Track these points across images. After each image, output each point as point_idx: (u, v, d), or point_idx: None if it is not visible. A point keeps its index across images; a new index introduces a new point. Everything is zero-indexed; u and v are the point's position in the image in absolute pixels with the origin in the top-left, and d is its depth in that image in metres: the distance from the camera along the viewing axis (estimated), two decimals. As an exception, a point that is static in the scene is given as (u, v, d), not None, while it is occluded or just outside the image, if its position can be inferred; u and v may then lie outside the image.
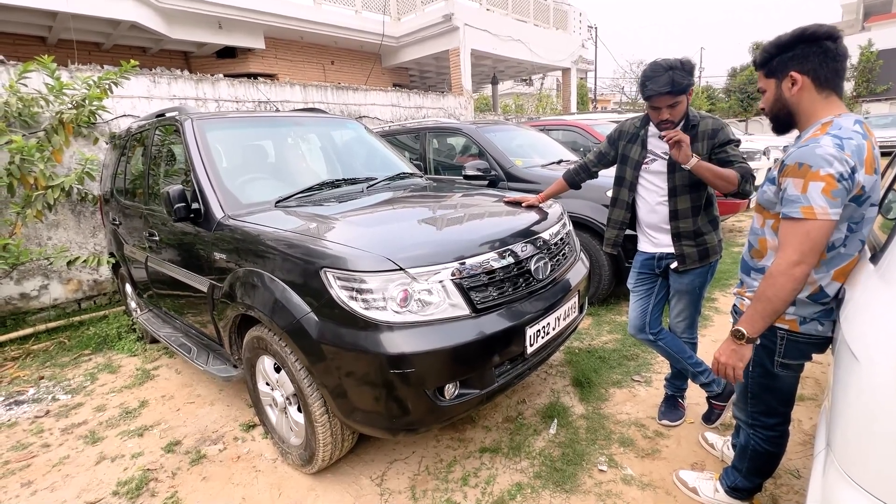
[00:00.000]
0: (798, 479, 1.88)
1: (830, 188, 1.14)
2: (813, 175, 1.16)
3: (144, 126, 3.14)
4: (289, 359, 1.82)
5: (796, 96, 1.29)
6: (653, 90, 1.81)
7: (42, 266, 4.17)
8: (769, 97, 1.36)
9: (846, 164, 1.14)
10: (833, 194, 1.14)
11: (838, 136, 1.17)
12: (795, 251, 1.19)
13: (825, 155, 1.14)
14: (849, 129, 1.19)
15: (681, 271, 2.03)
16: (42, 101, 3.77)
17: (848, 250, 1.27)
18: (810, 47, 1.24)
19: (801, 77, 1.26)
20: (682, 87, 1.79)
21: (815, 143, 1.18)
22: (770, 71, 1.33)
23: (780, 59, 1.29)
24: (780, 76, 1.31)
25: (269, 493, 1.99)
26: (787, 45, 1.28)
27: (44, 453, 2.37)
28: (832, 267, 1.28)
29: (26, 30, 7.96)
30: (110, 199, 3.58)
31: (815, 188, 1.15)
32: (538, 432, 2.27)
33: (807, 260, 1.18)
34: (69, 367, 3.36)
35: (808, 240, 1.17)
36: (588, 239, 3.57)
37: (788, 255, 1.20)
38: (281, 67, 10.45)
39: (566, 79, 14.40)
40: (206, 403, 2.74)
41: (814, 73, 1.25)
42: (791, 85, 1.28)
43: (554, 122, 6.76)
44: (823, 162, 1.14)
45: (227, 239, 2.13)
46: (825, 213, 1.15)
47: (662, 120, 1.89)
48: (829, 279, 1.28)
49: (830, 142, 1.16)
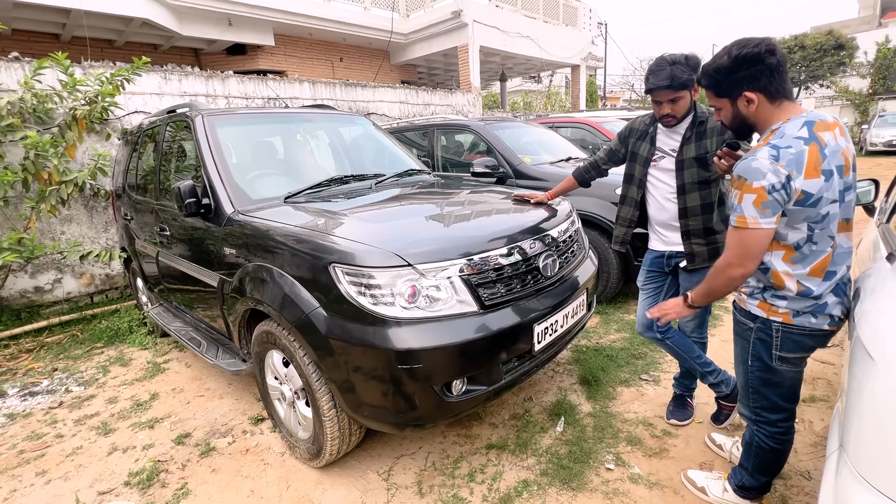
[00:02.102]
0: (809, 481, 1.85)
1: (761, 199, 1.23)
2: (747, 187, 1.25)
3: (156, 122, 3.17)
4: (297, 353, 1.83)
5: (754, 112, 1.35)
6: (653, 84, 1.83)
7: (56, 260, 4.23)
8: (727, 115, 1.42)
9: (779, 174, 1.21)
10: (763, 205, 1.24)
11: (777, 145, 1.24)
12: (733, 255, 1.33)
13: (759, 168, 1.23)
14: (790, 136, 1.24)
15: (690, 270, 2.01)
16: (56, 97, 3.83)
17: (819, 247, 1.31)
18: (754, 67, 1.29)
19: (755, 95, 1.32)
20: (681, 82, 1.79)
21: (752, 156, 1.26)
22: (720, 92, 1.39)
23: (729, 81, 1.34)
24: (734, 95, 1.35)
25: (278, 485, 2.01)
26: (730, 69, 1.32)
27: (57, 443, 2.41)
28: (807, 265, 1.33)
29: (41, 27, 8.09)
30: (122, 195, 3.63)
31: (748, 199, 1.25)
32: (545, 430, 2.26)
33: (742, 263, 1.31)
34: (82, 359, 3.41)
35: (742, 245, 1.30)
36: (596, 237, 3.55)
37: (727, 258, 1.35)
38: (290, 64, 10.50)
39: (575, 76, 14.29)
40: (215, 397, 2.77)
41: (765, 89, 1.31)
42: (747, 103, 1.34)
43: (563, 120, 6.72)
44: (757, 174, 1.23)
45: (236, 234, 2.15)
46: (756, 223, 1.26)
47: (664, 114, 1.89)
48: (805, 275, 1.33)
49: (766, 153, 1.23)
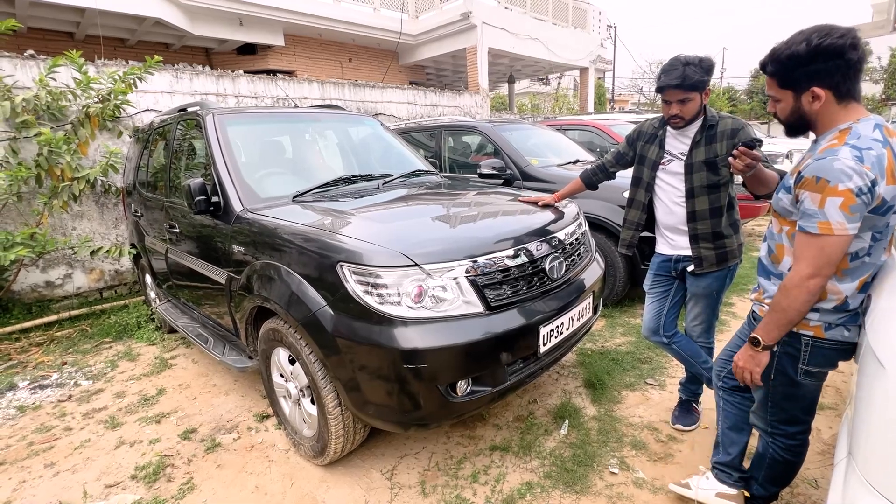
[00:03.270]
0: (816, 490, 1.84)
1: (849, 203, 1.11)
2: (831, 190, 1.13)
3: (167, 120, 3.20)
4: (303, 351, 1.84)
5: (817, 110, 1.25)
6: (664, 82, 1.84)
7: (66, 255, 4.29)
8: (785, 108, 1.31)
9: (866, 177, 1.10)
10: (851, 209, 1.12)
11: (857, 146, 1.13)
12: (810, 265, 1.19)
13: (844, 169, 1.11)
14: (867, 137, 1.15)
15: (698, 274, 2.00)
16: (70, 94, 3.89)
17: (873, 259, 1.24)
18: (833, 61, 1.18)
19: (823, 92, 1.21)
20: (692, 83, 1.79)
21: (832, 155, 1.14)
22: (786, 82, 1.27)
23: (801, 72, 1.22)
24: (800, 90, 1.25)
25: (282, 482, 2.02)
26: (805, 58, 1.20)
27: (66, 436, 2.44)
28: (857, 277, 1.25)
29: (55, 25, 8.20)
30: (132, 192, 3.67)
31: (833, 203, 1.13)
32: (549, 432, 2.26)
33: (822, 273, 1.19)
34: (90, 353, 3.45)
35: (822, 254, 1.17)
36: (603, 240, 3.54)
37: (803, 269, 1.21)
38: (299, 64, 10.56)
39: (584, 78, 14.24)
40: (221, 393, 2.79)
41: (836, 88, 1.21)
42: (812, 99, 1.24)
43: (570, 122, 6.70)
44: (842, 176, 1.11)
45: (245, 232, 2.17)
46: (842, 229, 1.14)
47: (672, 114, 1.89)
48: (853, 290, 1.26)
49: (849, 154, 1.12)
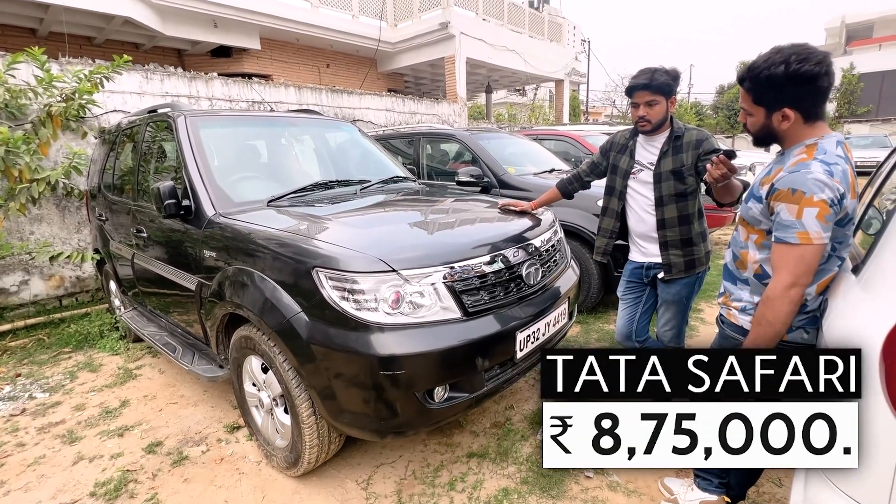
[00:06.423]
0: (780, 488, 1.90)
1: (824, 213, 1.18)
2: (807, 201, 1.19)
3: (136, 122, 3.10)
4: (277, 359, 1.80)
5: (786, 129, 1.31)
6: (633, 83, 1.96)
7: (23, 261, 4.06)
8: (756, 122, 1.36)
9: (836, 190, 1.18)
10: (826, 219, 1.19)
11: (825, 161, 1.21)
12: (790, 274, 1.24)
13: (818, 181, 1.18)
14: (833, 153, 1.22)
15: (667, 281, 2.06)
16: (31, 92, 3.71)
17: (829, 265, 1.32)
18: (805, 87, 1.23)
19: (793, 113, 1.28)
20: (658, 84, 1.90)
21: (805, 168, 1.21)
22: (760, 100, 1.32)
23: (775, 93, 1.28)
24: (772, 109, 1.31)
25: (253, 495, 1.95)
26: (781, 82, 1.25)
27: (18, 452, 2.30)
28: (816, 281, 1.32)
29: (17, 21, 7.85)
30: (97, 195, 3.52)
31: (810, 214, 1.19)
32: (526, 438, 2.27)
33: (800, 281, 1.24)
34: (48, 364, 3.27)
35: (802, 263, 1.22)
36: (578, 247, 3.61)
37: (784, 279, 1.25)
38: (276, 68, 10.43)
39: (559, 90, 14.61)
40: (189, 404, 2.69)
41: (805, 111, 1.27)
42: (782, 119, 1.30)
43: (546, 132, 6.84)
44: (816, 188, 1.18)
45: (217, 237, 2.11)
46: (820, 238, 1.20)
47: (639, 117, 1.99)
48: (813, 293, 1.33)
49: (821, 168, 1.19)
